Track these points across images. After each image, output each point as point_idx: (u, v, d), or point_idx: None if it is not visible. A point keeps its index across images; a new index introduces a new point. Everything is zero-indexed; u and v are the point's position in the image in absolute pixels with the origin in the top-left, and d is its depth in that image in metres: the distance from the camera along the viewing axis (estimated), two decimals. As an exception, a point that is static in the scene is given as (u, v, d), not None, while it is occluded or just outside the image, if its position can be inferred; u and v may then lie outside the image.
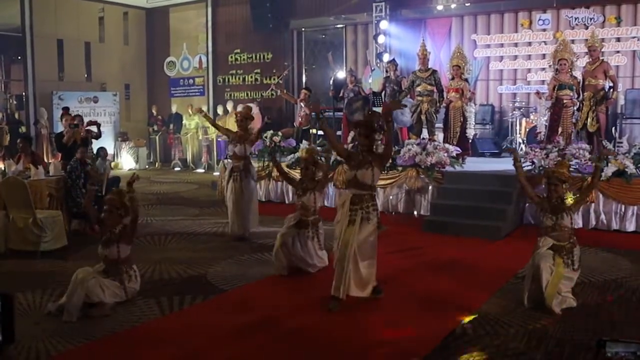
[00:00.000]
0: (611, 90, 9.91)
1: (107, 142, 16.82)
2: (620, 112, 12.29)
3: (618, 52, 12.86)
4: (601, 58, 10.04)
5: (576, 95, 9.88)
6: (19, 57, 17.42)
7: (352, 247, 5.54)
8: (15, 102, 17.57)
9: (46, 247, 7.65)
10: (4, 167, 9.03)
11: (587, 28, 12.81)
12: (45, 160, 12.99)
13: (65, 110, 10.75)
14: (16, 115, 16.65)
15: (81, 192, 8.63)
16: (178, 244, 8.38)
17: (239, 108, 14.94)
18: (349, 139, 10.92)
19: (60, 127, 11.35)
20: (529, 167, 8.88)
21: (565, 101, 9.82)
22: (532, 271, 5.62)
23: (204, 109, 17.23)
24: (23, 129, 15.94)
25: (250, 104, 15.22)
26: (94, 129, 10.54)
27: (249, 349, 4.79)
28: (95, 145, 11.13)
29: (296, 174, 8.30)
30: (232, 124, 9.73)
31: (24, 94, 16.92)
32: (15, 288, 6.25)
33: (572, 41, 12.09)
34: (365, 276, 5.71)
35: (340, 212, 5.72)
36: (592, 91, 9.71)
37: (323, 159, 8.25)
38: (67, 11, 17.49)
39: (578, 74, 10.12)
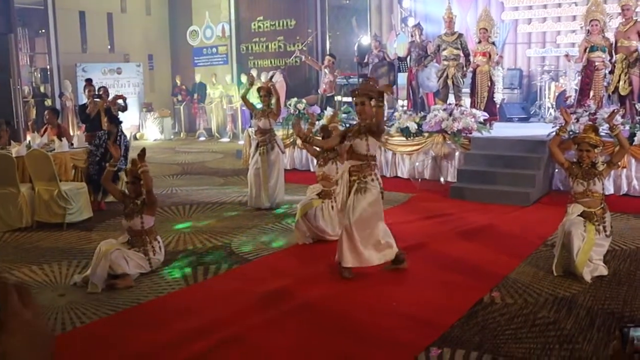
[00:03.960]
0: (645, 51, 9.57)
1: (131, 113, 16.85)
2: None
3: (653, 11, 12.41)
4: (635, 18, 9.67)
5: (608, 58, 9.57)
6: (42, 31, 17.41)
7: (349, 219, 5.48)
8: (40, 76, 17.63)
9: (71, 218, 7.68)
10: (29, 140, 9.04)
11: (620, -14, 12.37)
12: (71, 132, 13.04)
13: (88, 82, 10.71)
14: (41, 89, 16.71)
15: (95, 161, 8.57)
16: (203, 214, 8.36)
17: (263, 77, 14.87)
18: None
19: (84, 99, 11.34)
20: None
21: (597, 64, 9.52)
22: (562, 238, 5.47)
23: (227, 78, 17.23)
24: (48, 102, 16.01)
25: (275, 71, 15.15)
26: (120, 102, 10.54)
27: (273, 320, 4.74)
28: (122, 117, 11.10)
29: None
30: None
31: (48, 67, 16.96)
32: (41, 260, 6.32)
33: (605, 1, 11.68)
34: (376, 242, 5.60)
35: (340, 184, 5.67)
36: (624, 53, 9.38)
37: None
38: (88, -18, 17.41)
39: (611, 35, 9.79)
